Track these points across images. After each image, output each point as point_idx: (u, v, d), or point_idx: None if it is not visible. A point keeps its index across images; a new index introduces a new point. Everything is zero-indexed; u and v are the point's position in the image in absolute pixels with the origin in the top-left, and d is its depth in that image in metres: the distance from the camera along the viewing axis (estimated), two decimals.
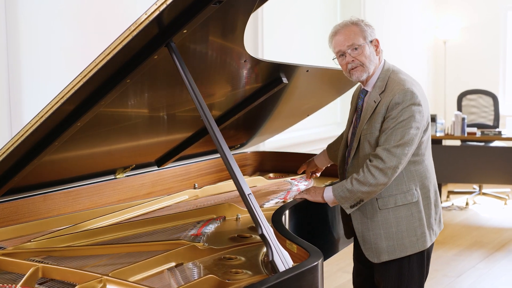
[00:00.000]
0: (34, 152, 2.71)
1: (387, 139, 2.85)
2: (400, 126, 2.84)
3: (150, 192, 3.62)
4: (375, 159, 2.85)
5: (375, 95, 2.95)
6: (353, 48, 2.92)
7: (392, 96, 2.87)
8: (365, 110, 2.97)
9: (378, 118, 2.90)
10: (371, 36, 2.95)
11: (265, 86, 3.34)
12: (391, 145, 2.83)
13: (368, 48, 2.94)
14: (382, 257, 2.97)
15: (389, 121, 2.86)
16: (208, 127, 2.45)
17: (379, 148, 2.86)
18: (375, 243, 2.96)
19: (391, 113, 2.86)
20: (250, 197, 2.37)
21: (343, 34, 2.94)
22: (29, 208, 3.04)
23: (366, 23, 2.98)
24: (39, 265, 2.41)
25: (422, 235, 2.97)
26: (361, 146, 2.96)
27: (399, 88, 2.88)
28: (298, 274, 2.13)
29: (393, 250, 2.96)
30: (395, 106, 2.85)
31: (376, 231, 2.96)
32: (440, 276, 5.63)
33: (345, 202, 2.93)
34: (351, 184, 2.88)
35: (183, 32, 2.39)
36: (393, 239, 2.95)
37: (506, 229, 7.18)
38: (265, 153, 4.43)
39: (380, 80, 2.97)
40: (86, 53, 4.42)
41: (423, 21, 10.00)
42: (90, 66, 2.36)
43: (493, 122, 8.64)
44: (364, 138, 2.94)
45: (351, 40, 2.92)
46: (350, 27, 2.95)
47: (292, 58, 6.82)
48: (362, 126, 2.95)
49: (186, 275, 2.45)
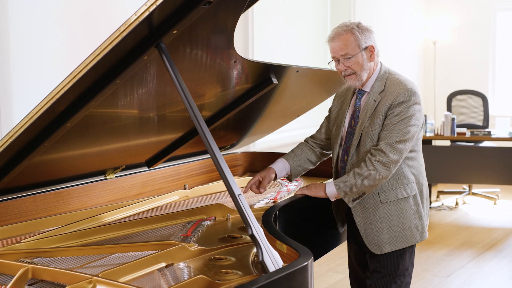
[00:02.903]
0: (24, 153, 2.71)
1: (389, 134, 2.95)
2: (403, 123, 2.95)
3: (140, 192, 3.61)
4: (377, 154, 2.94)
5: (375, 94, 3.03)
6: (346, 58, 2.98)
7: (396, 95, 2.97)
8: (365, 109, 3.05)
9: (380, 115, 2.99)
10: (365, 43, 2.99)
11: (255, 86, 3.34)
12: (393, 140, 2.94)
13: (361, 57, 2.99)
14: (384, 249, 3.07)
15: (391, 118, 2.96)
16: (198, 127, 2.45)
17: (381, 142, 2.95)
18: (377, 235, 3.06)
19: (394, 111, 2.96)
20: (240, 198, 2.38)
21: (338, 41, 2.99)
22: (18, 209, 3.03)
23: (362, 29, 3.01)
24: (29, 266, 2.41)
25: (422, 227, 3.13)
26: (362, 143, 3.03)
27: (403, 88, 2.99)
28: (288, 274, 2.14)
29: (395, 241, 3.07)
30: (399, 104, 2.96)
31: (378, 224, 3.06)
32: (430, 276, 5.65)
33: (348, 196, 3.01)
34: (354, 178, 2.96)
35: (173, 33, 2.39)
36: (394, 231, 3.06)
37: (496, 229, 7.21)
38: (256, 153, 4.43)
39: (378, 81, 3.05)
40: (76, 53, 4.42)
41: (413, 22, 10.03)
42: (80, 66, 2.36)
43: (483, 122, 8.67)
44: (366, 136, 3.01)
45: (344, 49, 2.97)
46: (344, 35, 2.98)
47: (282, 58, 6.82)
48: (364, 124, 3.02)
49: (176, 276, 2.45)
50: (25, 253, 2.66)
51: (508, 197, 8.65)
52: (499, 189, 8.73)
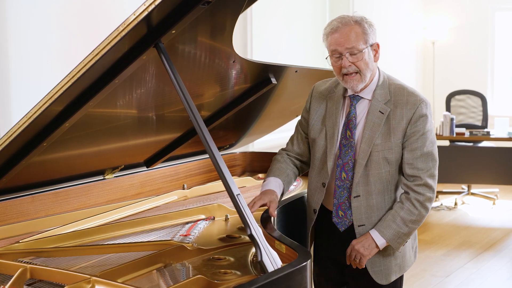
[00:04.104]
0: (23, 153, 2.71)
1: (426, 160, 2.67)
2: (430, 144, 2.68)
3: (139, 192, 3.61)
4: (425, 191, 2.67)
5: (379, 104, 2.69)
6: (352, 53, 2.63)
7: (414, 108, 2.65)
8: (369, 122, 2.70)
9: (397, 132, 2.66)
10: (372, 39, 2.67)
11: (254, 86, 3.34)
12: (432, 168, 2.68)
13: (367, 54, 2.65)
14: (391, 277, 2.81)
15: (419, 139, 2.66)
16: (197, 127, 2.45)
17: (424, 175, 2.66)
18: (385, 264, 2.78)
19: (417, 128, 2.66)
20: (239, 198, 2.37)
21: (344, 34, 2.62)
22: (17, 209, 3.03)
23: (369, 23, 2.68)
24: (28, 266, 2.40)
25: (416, 246, 2.94)
26: (375, 164, 2.69)
27: (416, 99, 2.68)
28: (287, 275, 2.14)
29: (399, 268, 2.83)
30: (420, 119, 2.65)
31: (385, 252, 2.76)
32: (428, 276, 5.65)
33: (401, 245, 2.73)
34: (406, 227, 2.67)
35: (171, 33, 2.39)
36: (399, 257, 2.81)
37: (495, 229, 7.21)
38: (254, 153, 4.43)
39: (380, 89, 2.72)
40: (74, 53, 4.41)
41: (412, 22, 10.03)
42: (78, 66, 2.36)
43: (482, 122, 8.68)
44: (380, 155, 2.68)
45: (351, 42, 2.61)
46: (352, 26, 2.64)
47: (281, 58, 6.82)
48: (373, 141, 2.67)
49: (175, 276, 2.45)
50: (24, 253, 2.66)
51: (507, 197, 8.66)
52: (498, 189, 8.73)
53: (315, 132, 2.86)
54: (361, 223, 2.75)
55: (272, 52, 6.91)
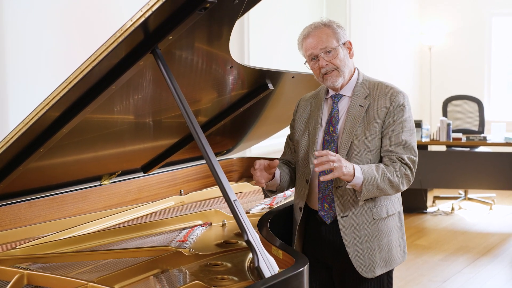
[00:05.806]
0: (19, 158, 2.70)
1: (404, 148, 2.76)
2: (408, 132, 2.78)
3: (136, 198, 3.61)
4: (406, 168, 2.74)
5: (359, 99, 2.81)
6: (327, 51, 2.78)
7: (391, 99, 2.77)
8: (350, 115, 2.80)
9: (376, 122, 2.77)
10: (343, 38, 2.82)
11: (251, 92, 3.35)
12: (414, 151, 2.78)
13: (341, 51, 2.80)
14: (376, 271, 2.81)
15: (397, 127, 2.76)
16: (194, 133, 2.45)
17: (405, 156, 2.74)
18: (369, 257, 2.79)
19: (395, 117, 2.77)
20: (236, 203, 2.37)
21: (315, 36, 2.81)
22: (14, 215, 3.03)
23: (338, 24, 2.85)
24: (24, 272, 2.40)
25: (404, 245, 2.93)
26: (356, 154, 2.76)
27: (394, 90, 2.80)
28: (284, 280, 2.14)
29: (384, 263, 2.82)
30: (398, 108, 2.76)
31: (370, 244, 2.78)
32: (426, 281, 5.65)
33: (367, 195, 2.69)
34: (383, 182, 2.69)
35: (168, 39, 2.39)
36: (384, 251, 2.82)
37: (492, 234, 7.22)
38: (252, 159, 4.43)
39: (360, 86, 2.85)
40: (71, 57, 4.43)
41: (409, 27, 10.05)
42: (75, 72, 2.36)
43: (478, 127, 8.69)
44: (360, 144, 2.76)
45: (323, 43, 2.79)
46: (322, 29, 2.83)
47: (278, 63, 6.82)
48: (353, 132, 2.76)
49: (172, 282, 2.45)
50: (21, 259, 2.66)
51: (504, 202, 8.67)
52: (495, 194, 8.74)
53: (299, 134, 2.96)
54: (344, 214, 2.78)
55: (269, 57, 6.92)
